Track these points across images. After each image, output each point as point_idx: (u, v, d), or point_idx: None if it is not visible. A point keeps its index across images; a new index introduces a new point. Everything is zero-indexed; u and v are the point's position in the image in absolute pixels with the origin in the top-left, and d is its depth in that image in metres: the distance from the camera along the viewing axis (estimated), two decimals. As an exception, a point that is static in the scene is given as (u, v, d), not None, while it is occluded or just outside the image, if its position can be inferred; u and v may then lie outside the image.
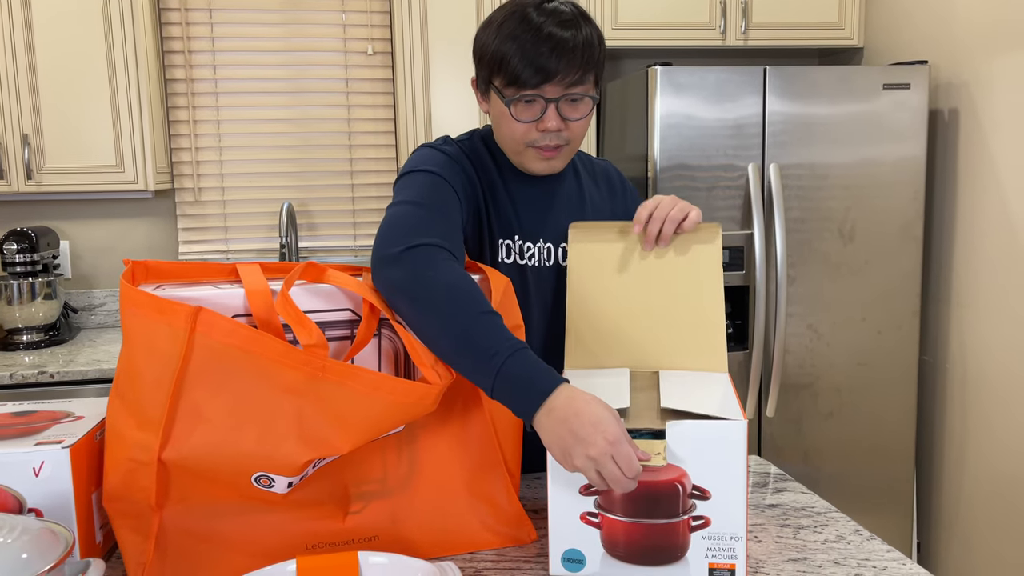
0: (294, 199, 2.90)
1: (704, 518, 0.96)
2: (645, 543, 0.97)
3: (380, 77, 2.90)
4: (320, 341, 0.94)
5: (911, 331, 2.52)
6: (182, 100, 2.80)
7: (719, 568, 0.97)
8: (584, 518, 0.98)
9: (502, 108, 1.19)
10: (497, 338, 0.98)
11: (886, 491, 2.58)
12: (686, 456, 0.94)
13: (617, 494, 0.96)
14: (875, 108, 2.41)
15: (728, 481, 0.95)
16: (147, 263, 1.11)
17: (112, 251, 2.82)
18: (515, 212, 1.28)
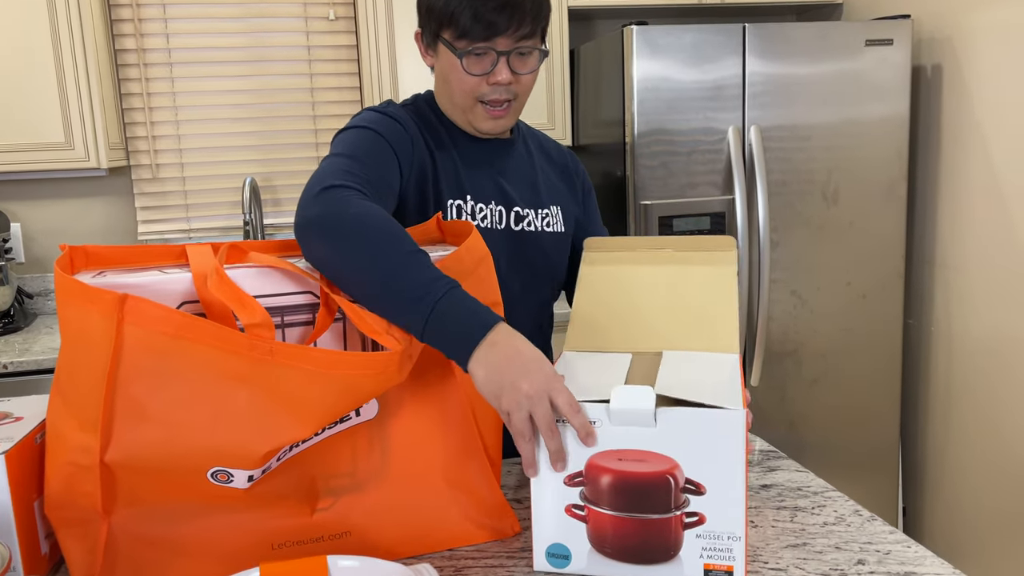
0: (257, 174, 2.78)
1: (698, 515, 0.89)
2: (634, 540, 0.91)
3: (343, 44, 2.78)
4: (264, 320, 0.85)
5: (895, 294, 2.47)
6: (134, 72, 2.66)
7: (716, 569, 0.90)
8: (569, 511, 0.91)
9: (451, 61, 1.18)
10: (429, 276, 0.92)
11: (871, 456, 2.55)
12: (678, 447, 0.87)
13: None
14: (857, 65, 2.34)
15: (724, 475, 0.87)
16: (86, 248, 1.02)
17: (67, 233, 2.69)
18: (465, 173, 1.25)
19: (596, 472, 0.89)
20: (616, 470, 0.88)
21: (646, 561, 0.91)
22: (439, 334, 0.90)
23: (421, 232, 1.16)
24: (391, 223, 0.96)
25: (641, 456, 0.88)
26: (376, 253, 0.93)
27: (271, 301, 0.98)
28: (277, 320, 1.00)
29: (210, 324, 0.84)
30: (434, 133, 1.25)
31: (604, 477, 0.89)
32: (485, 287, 1.05)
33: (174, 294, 0.94)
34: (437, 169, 1.23)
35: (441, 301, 0.90)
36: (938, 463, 2.57)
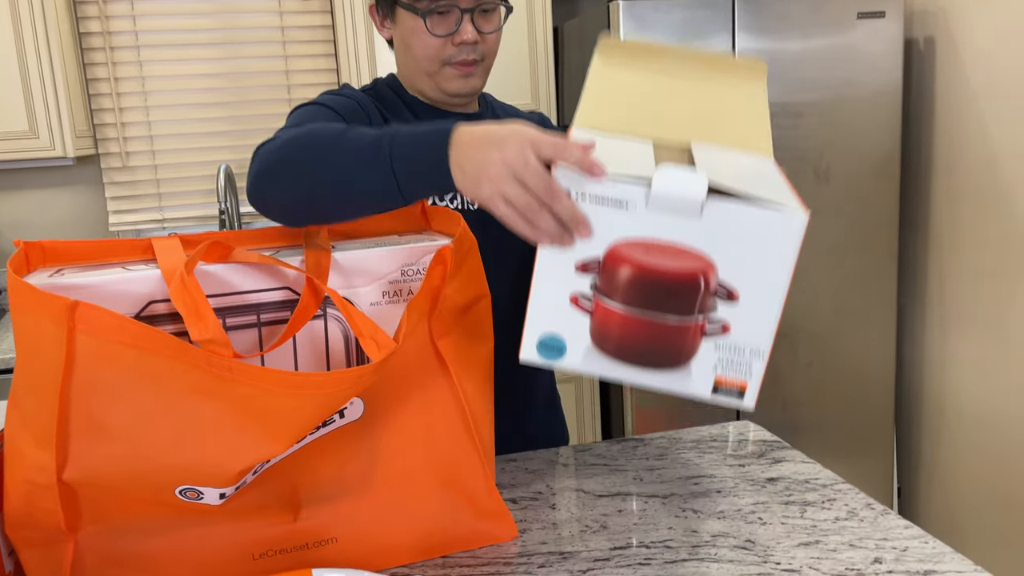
0: (232, 160, 2.69)
1: (723, 323, 0.76)
2: (644, 341, 0.78)
3: (319, 24, 2.68)
4: (216, 336, 0.78)
5: (889, 274, 2.43)
6: (100, 56, 2.55)
7: (726, 385, 0.79)
8: (575, 300, 0.78)
9: (412, 25, 1.13)
10: (367, 142, 0.85)
11: (866, 437, 2.52)
12: (720, 246, 0.73)
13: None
14: (849, 39, 2.28)
15: (765, 285, 0.74)
16: (43, 244, 0.94)
17: (33, 225, 2.59)
18: None
19: (616, 262, 0.75)
20: (640, 262, 0.75)
21: (651, 365, 0.79)
22: (412, 178, 0.83)
23: (404, 219, 1.10)
24: (318, 127, 0.91)
25: (675, 251, 0.74)
26: (318, 153, 0.88)
27: (247, 298, 0.91)
28: (252, 319, 0.93)
29: (167, 336, 0.77)
30: (395, 112, 1.20)
31: (624, 268, 0.76)
32: (473, 280, 0.99)
33: (138, 295, 0.86)
34: None
35: (394, 153, 0.83)
36: (933, 443, 2.54)
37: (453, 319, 0.97)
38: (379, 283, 0.97)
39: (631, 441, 1.24)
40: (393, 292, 0.99)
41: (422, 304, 0.92)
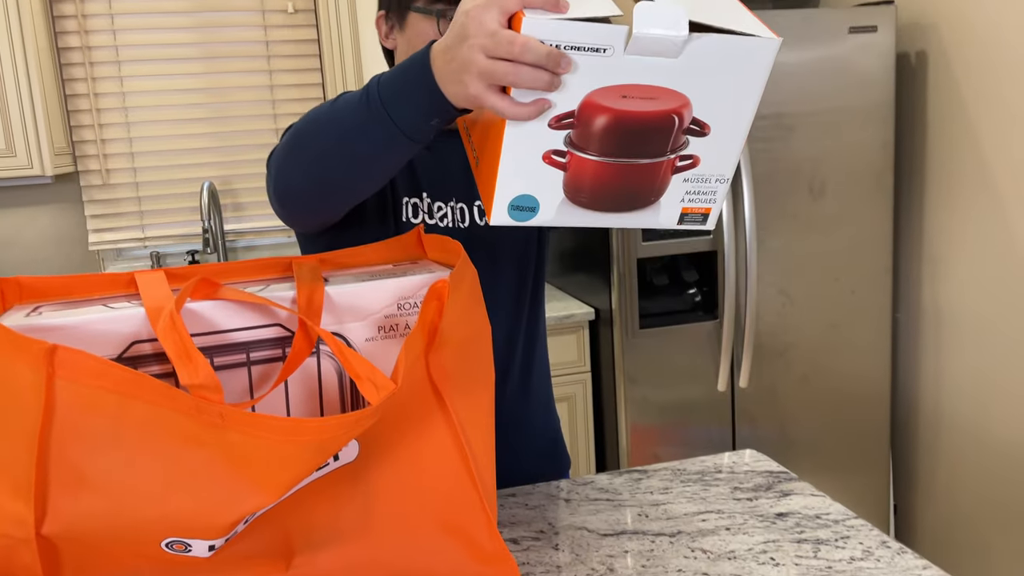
0: (215, 177, 2.63)
1: (693, 157, 0.78)
2: (618, 187, 0.79)
3: (304, 38, 2.64)
4: (208, 381, 0.73)
5: (884, 288, 2.41)
6: (79, 71, 2.49)
7: (692, 212, 0.82)
8: (548, 157, 0.77)
9: (423, 28, 1.08)
10: (358, 92, 0.85)
11: (862, 453, 2.49)
12: (696, 82, 0.73)
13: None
14: (841, 53, 2.26)
15: (736, 113, 0.76)
16: (19, 279, 0.89)
17: (12, 244, 2.53)
18: (423, 169, 1.16)
19: (592, 111, 0.74)
20: (617, 109, 0.74)
21: (623, 208, 0.81)
22: (409, 116, 0.80)
23: (401, 247, 1.06)
24: (309, 113, 0.91)
25: (651, 93, 0.73)
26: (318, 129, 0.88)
27: (235, 336, 0.87)
28: (241, 358, 0.88)
29: (154, 381, 0.72)
30: None
31: (600, 118, 0.74)
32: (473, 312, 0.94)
33: (121, 335, 0.82)
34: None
35: (384, 98, 0.81)
36: (930, 460, 2.52)
37: (451, 354, 0.93)
38: (373, 318, 0.93)
39: (634, 473, 1.20)
40: (388, 327, 0.94)
41: (418, 341, 0.88)
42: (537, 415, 1.29)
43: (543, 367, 1.29)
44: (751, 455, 1.26)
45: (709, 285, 2.30)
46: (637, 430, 2.34)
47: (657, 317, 2.27)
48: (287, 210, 0.99)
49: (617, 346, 2.28)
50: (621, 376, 2.32)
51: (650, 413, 2.33)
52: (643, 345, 2.28)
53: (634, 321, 2.25)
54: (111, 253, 2.63)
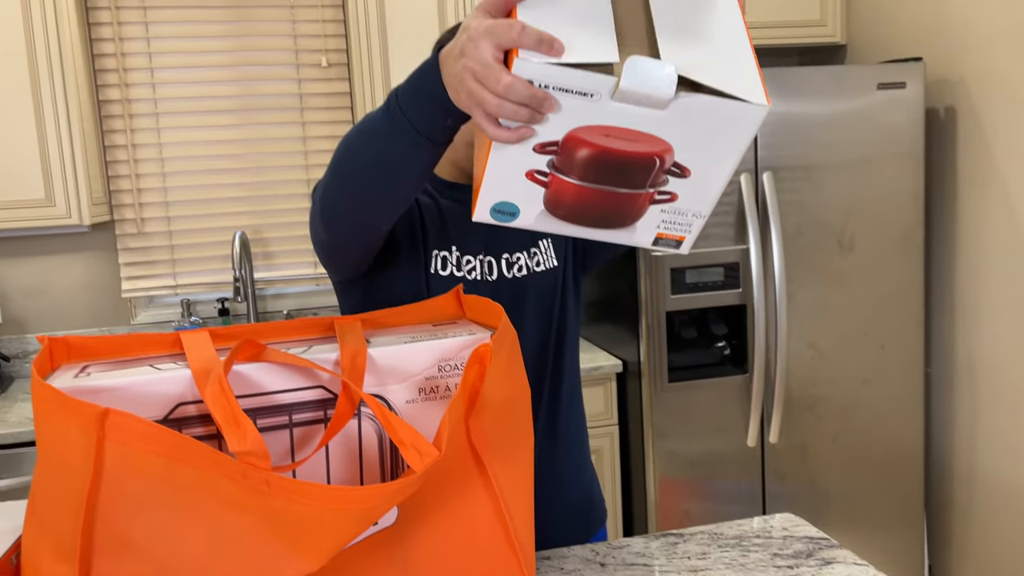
0: (247, 226, 2.67)
1: (672, 194, 0.80)
2: (595, 208, 0.81)
3: (337, 91, 2.69)
4: (256, 448, 0.74)
5: (916, 343, 2.39)
6: (119, 123, 2.55)
7: (667, 238, 0.84)
8: (531, 175, 0.79)
9: None
10: (381, 106, 0.89)
11: (896, 512, 2.44)
12: (680, 132, 0.74)
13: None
14: (870, 109, 2.27)
15: (718, 164, 0.77)
16: (68, 339, 0.90)
17: (46, 291, 2.57)
18: (452, 222, 1.19)
19: (576, 144, 0.76)
20: (600, 145, 0.75)
21: (599, 226, 0.84)
22: (428, 122, 0.84)
23: (441, 306, 1.06)
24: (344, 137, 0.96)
25: (635, 136, 0.74)
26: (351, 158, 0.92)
27: (278, 399, 0.87)
28: (284, 419, 0.89)
29: (200, 445, 0.73)
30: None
31: (583, 151, 0.76)
32: (513, 375, 0.94)
33: (167, 397, 0.82)
34: (423, 215, 1.18)
35: (403, 107, 0.85)
36: (964, 519, 2.46)
37: (491, 418, 0.93)
38: (414, 380, 0.93)
39: (669, 536, 1.19)
40: (429, 389, 0.94)
41: (460, 406, 0.88)
42: (567, 468, 1.28)
43: (574, 420, 1.29)
44: (788, 519, 1.24)
45: (738, 338, 2.28)
46: (666, 484, 2.31)
47: (686, 370, 2.26)
48: (332, 234, 1.01)
49: (646, 399, 2.26)
50: (650, 429, 2.30)
51: (679, 467, 2.31)
52: (672, 398, 2.26)
53: (663, 374, 2.24)
54: (143, 300, 2.66)
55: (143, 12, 2.53)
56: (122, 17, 2.52)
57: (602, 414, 2.42)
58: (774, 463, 2.35)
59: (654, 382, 2.24)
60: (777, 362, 2.25)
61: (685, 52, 0.73)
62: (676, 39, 0.75)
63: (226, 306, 2.65)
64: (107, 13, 2.51)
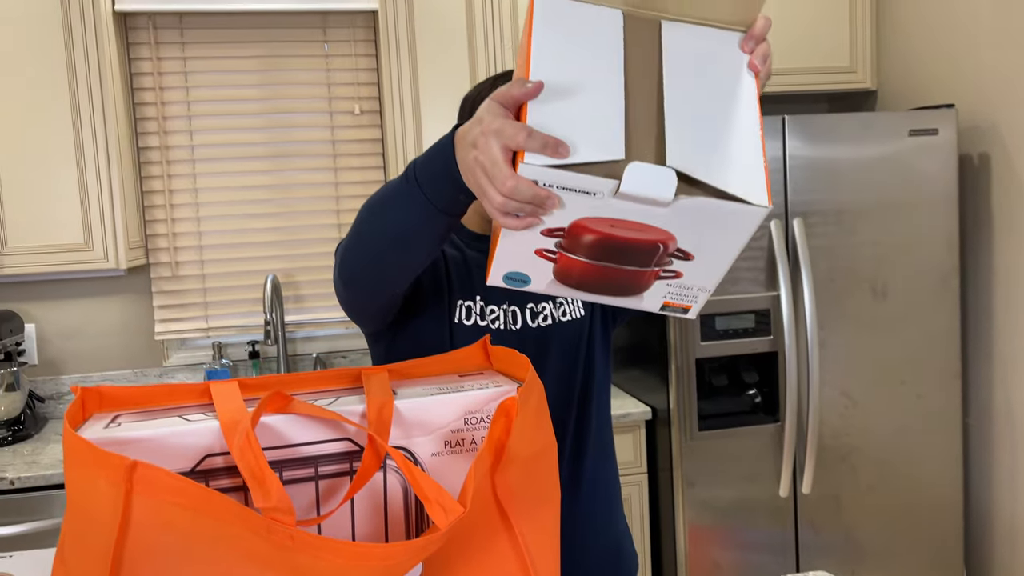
0: (279, 270, 2.71)
1: (676, 272, 0.83)
2: (603, 281, 0.85)
3: (369, 138, 2.74)
4: (280, 504, 0.74)
5: (953, 393, 2.33)
6: (156, 169, 2.62)
7: (673, 306, 0.87)
8: (540, 253, 0.83)
9: None
10: (401, 175, 0.93)
11: (935, 567, 2.37)
12: (682, 226, 0.77)
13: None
14: (902, 155, 2.26)
15: (721, 251, 0.79)
16: (100, 389, 0.91)
17: (82, 334, 2.61)
18: (477, 272, 1.20)
19: (581, 231, 0.79)
20: (604, 233, 0.78)
21: (607, 295, 0.87)
22: (441, 195, 0.88)
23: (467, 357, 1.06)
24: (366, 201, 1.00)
25: (638, 227, 0.77)
26: (370, 221, 0.96)
27: (304, 451, 0.87)
28: (310, 472, 0.89)
29: (227, 500, 0.73)
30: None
31: (588, 236, 0.79)
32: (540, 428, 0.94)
33: (195, 448, 0.83)
34: (449, 266, 1.20)
35: (419, 179, 0.89)
36: (1006, 572, 2.38)
37: (517, 472, 0.92)
38: (440, 432, 0.93)
39: (700, 593, 1.16)
40: (455, 442, 0.94)
41: (486, 460, 0.87)
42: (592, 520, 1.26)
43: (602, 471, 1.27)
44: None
45: (769, 386, 2.25)
46: (695, 532, 2.26)
47: (716, 418, 2.23)
48: (350, 292, 1.05)
49: (675, 447, 2.23)
50: (679, 478, 2.26)
51: (709, 516, 2.26)
52: (702, 446, 2.23)
53: (693, 422, 2.21)
54: (175, 343, 2.70)
55: (183, 62, 2.61)
56: (163, 68, 2.60)
57: (631, 462, 2.39)
58: (807, 514, 2.30)
59: (684, 430, 2.21)
60: (809, 410, 2.21)
61: (691, 149, 0.76)
62: (684, 134, 0.77)
63: (256, 349, 2.67)
64: (149, 63, 2.59)
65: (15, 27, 2.22)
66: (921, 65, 2.57)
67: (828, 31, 2.65)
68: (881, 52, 2.73)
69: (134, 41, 2.58)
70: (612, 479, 1.29)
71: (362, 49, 2.71)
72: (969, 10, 2.38)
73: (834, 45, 2.66)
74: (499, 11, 2.47)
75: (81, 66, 2.26)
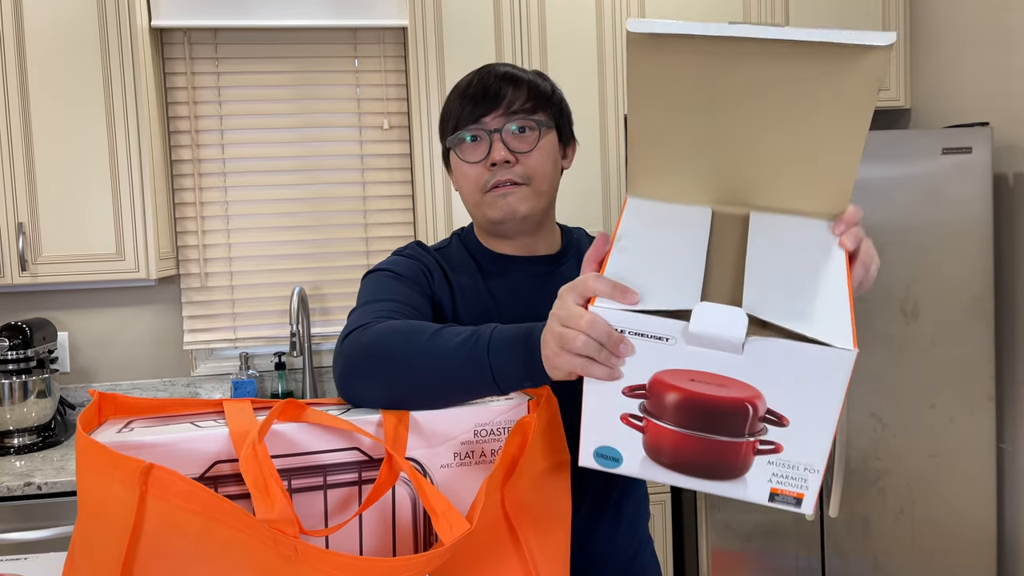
0: (306, 282, 2.73)
1: (775, 444, 0.75)
2: (696, 457, 0.78)
3: (397, 152, 2.76)
4: (283, 515, 0.74)
5: (986, 417, 2.28)
6: (188, 181, 2.66)
7: (783, 494, 0.78)
8: (625, 419, 0.78)
9: (455, 162, 1.15)
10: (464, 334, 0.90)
11: (966, 597, 2.30)
12: (765, 378, 0.72)
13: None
14: (935, 174, 2.22)
15: (815, 412, 0.73)
16: (116, 396, 0.93)
17: (113, 342, 2.65)
18: (494, 305, 1.16)
19: (662, 388, 0.76)
20: (686, 389, 0.75)
21: (706, 476, 0.79)
22: (511, 378, 0.87)
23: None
24: (406, 324, 0.95)
25: (720, 380, 0.74)
26: (411, 355, 0.90)
27: (314, 459, 0.88)
28: (318, 481, 0.89)
29: (236, 508, 0.73)
30: (458, 265, 1.19)
31: (671, 395, 0.76)
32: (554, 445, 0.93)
33: (205, 455, 0.83)
34: (455, 299, 1.16)
35: (491, 351, 0.87)
36: (1043, 606, 2.30)
37: (528, 487, 0.91)
38: (451, 444, 0.93)
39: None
40: (465, 454, 0.93)
41: (498, 476, 0.87)
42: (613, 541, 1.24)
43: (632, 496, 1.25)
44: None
45: (796, 407, 2.21)
46: (719, 556, 2.22)
47: (741, 438, 2.19)
48: (346, 399, 0.98)
49: (699, 467, 2.20)
50: (702, 500, 2.22)
51: (733, 539, 2.22)
52: (726, 467, 2.19)
53: (717, 441, 2.17)
54: (203, 353, 2.73)
55: (216, 77, 2.65)
56: (197, 82, 2.64)
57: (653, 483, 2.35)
58: (834, 538, 2.25)
59: (708, 449, 2.18)
60: (837, 432, 2.17)
61: (768, 297, 0.74)
62: (763, 283, 0.76)
63: (282, 360, 2.69)
64: (183, 78, 2.64)
65: (53, 41, 2.28)
66: (956, 83, 2.53)
67: (860, 48, 2.62)
68: (915, 70, 2.70)
69: (169, 56, 2.63)
70: (640, 504, 1.27)
71: (391, 65, 2.74)
72: (1004, 27, 2.34)
73: (866, 62, 2.63)
74: (527, 28, 2.48)
75: (117, 80, 2.30)
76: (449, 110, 1.15)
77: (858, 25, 2.61)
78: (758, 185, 0.83)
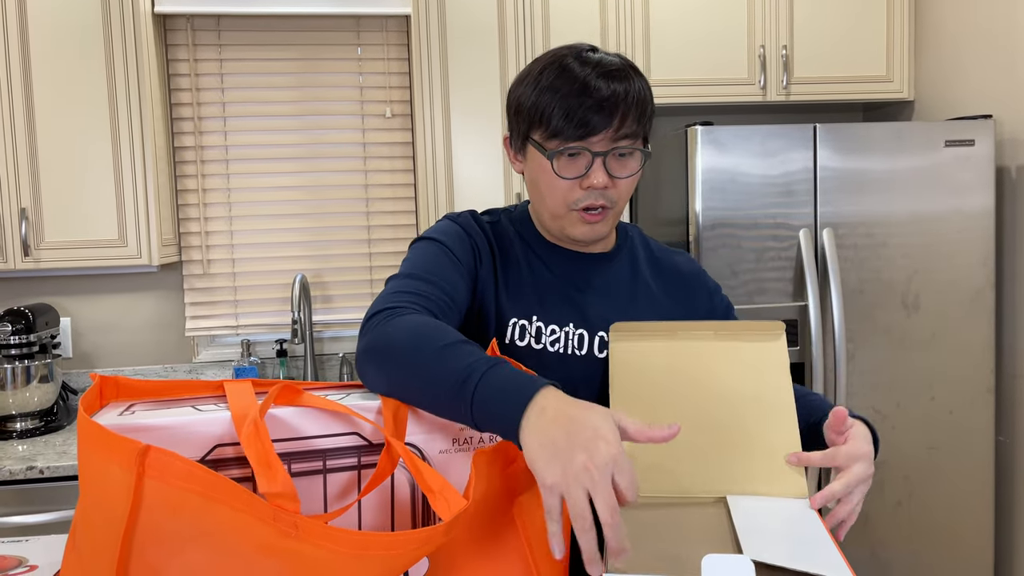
0: (308, 270, 2.73)
1: None
2: None
3: (399, 140, 2.76)
4: (285, 490, 0.75)
5: (986, 410, 2.28)
6: (191, 168, 2.66)
7: None
8: None
9: (541, 164, 1.08)
10: (468, 360, 0.87)
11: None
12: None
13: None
14: (937, 167, 2.22)
15: None
16: (118, 379, 0.93)
17: (115, 328, 2.66)
18: (535, 292, 1.13)
19: None
20: None
21: None
22: (487, 417, 0.83)
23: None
24: (427, 326, 0.93)
25: None
26: (415, 361, 0.89)
27: (313, 444, 0.88)
28: (318, 465, 0.89)
29: (235, 486, 0.74)
30: (505, 249, 1.15)
31: None
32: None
33: (206, 437, 0.84)
34: (499, 285, 1.13)
35: (480, 384, 0.84)
36: (1039, 598, 2.31)
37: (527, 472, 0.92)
38: (448, 430, 0.93)
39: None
40: (463, 440, 0.94)
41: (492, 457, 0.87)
42: None
43: None
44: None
45: (796, 398, 2.22)
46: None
47: (740, 429, 2.20)
48: (362, 379, 1.00)
49: (698, 457, 2.21)
50: (701, 488, 2.23)
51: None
52: (725, 457, 2.20)
53: (716, 432, 2.18)
54: (204, 339, 2.74)
55: (219, 64, 2.65)
56: (200, 69, 2.64)
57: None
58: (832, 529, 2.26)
59: (707, 440, 2.19)
60: (836, 424, 2.18)
61: (766, 547, 0.80)
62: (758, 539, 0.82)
63: (284, 347, 2.70)
64: (186, 65, 2.64)
65: (56, 28, 2.28)
66: (959, 76, 2.52)
67: (864, 40, 2.61)
68: (918, 62, 2.69)
69: (172, 43, 2.63)
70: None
71: (394, 53, 2.74)
72: (1008, 20, 2.33)
73: (870, 55, 2.62)
74: (531, 17, 2.48)
75: (120, 67, 2.31)
76: (544, 107, 1.05)
77: (860, 17, 2.61)
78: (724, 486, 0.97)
